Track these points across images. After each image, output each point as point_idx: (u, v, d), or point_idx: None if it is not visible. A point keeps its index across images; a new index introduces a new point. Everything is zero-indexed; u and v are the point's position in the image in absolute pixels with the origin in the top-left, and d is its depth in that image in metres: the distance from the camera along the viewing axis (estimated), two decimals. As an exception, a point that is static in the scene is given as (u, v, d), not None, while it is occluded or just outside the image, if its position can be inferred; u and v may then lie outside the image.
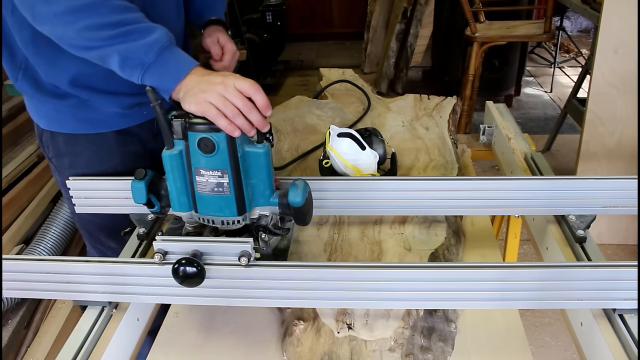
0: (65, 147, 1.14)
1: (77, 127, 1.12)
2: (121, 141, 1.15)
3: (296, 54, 5.17)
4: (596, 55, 2.16)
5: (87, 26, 0.86)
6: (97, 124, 1.12)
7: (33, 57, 1.02)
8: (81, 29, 0.86)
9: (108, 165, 1.15)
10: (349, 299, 0.83)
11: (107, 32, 0.86)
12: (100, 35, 0.86)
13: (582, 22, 5.44)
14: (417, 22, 3.94)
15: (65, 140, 1.13)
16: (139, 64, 0.87)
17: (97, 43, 0.87)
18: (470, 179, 1.11)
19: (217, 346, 0.90)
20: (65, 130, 1.12)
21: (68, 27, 0.87)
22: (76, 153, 1.14)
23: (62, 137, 1.13)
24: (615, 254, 2.39)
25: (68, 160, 1.15)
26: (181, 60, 0.89)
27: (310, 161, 1.35)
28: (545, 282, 0.79)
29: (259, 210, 0.90)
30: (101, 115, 1.11)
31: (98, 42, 0.87)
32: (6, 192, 2.11)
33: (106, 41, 0.86)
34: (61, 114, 1.10)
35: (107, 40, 0.86)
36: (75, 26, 0.86)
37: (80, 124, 1.11)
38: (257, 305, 0.90)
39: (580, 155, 2.33)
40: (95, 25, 0.86)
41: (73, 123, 1.11)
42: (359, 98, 1.68)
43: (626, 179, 1.01)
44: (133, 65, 0.87)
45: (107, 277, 0.85)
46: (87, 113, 1.10)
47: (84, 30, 0.86)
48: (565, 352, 1.94)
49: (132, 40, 0.86)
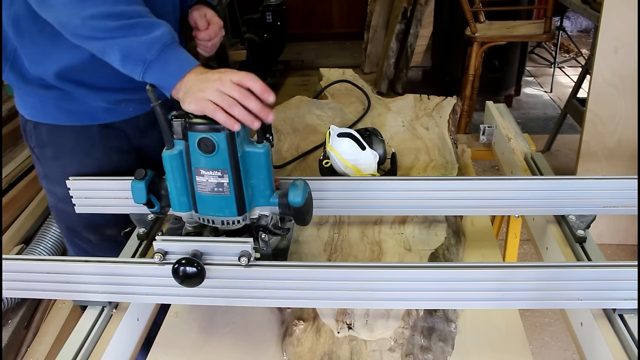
0: (48, 137, 1.14)
1: (61, 119, 1.12)
2: (105, 135, 1.15)
3: (296, 54, 5.17)
4: (596, 55, 2.16)
5: (92, 15, 0.87)
6: (81, 117, 1.12)
7: (22, 49, 1.02)
8: (86, 17, 0.87)
9: (91, 158, 1.15)
10: (349, 299, 0.83)
11: (112, 23, 0.87)
12: (104, 26, 0.87)
13: (582, 22, 5.44)
14: (417, 22, 3.94)
15: (48, 131, 1.13)
16: (140, 61, 0.87)
17: (101, 34, 0.88)
18: (470, 179, 1.11)
19: (217, 346, 0.90)
20: (49, 121, 1.12)
21: (73, 15, 0.88)
22: (59, 144, 1.14)
23: (45, 128, 1.13)
24: (615, 254, 2.39)
25: (51, 151, 1.15)
26: (182, 59, 0.89)
27: (310, 161, 1.35)
28: (545, 282, 0.79)
29: (259, 210, 0.90)
30: (86, 108, 1.11)
31: (102, 32, 0.88)
32: (6, 192, 2.12)
33: (110, 33, 0.87)
34: (46, 105, 1.11)
35: (111, 32, 0.87)
36: (81, 14, 0.87)
37: (64, 115, 1.11)
38: (257, 305, 0.90)
39: (580, 155, 2.33)
40: (100, 15, 0.87)
41: (57, 114, 1.11)
42: (359, 98, 1.68)
43: (626, 179, 1.01)
44: (134, 62, 0.88)
45: (107, 277, 0.85)
46: (71, 105, 1.10)
47: (88, 19, 0.87)
48: (565, 352, 1.94)
49: (134, 35, 0.87)
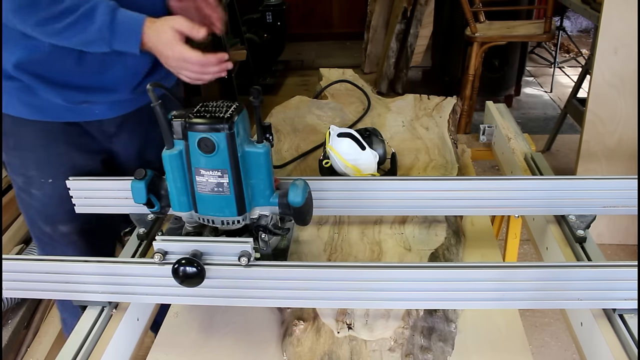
0: (10, 128, 1.15)
1: (22, 112, 1.13)
2: (69, 132, 1.16)
3: (296, 54, 5.17)
4: (596, 55, 2.16)
5: (37, 22, 0.93)
6: (41, 112, 1.13)
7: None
8: (33, 25, 0.94)
9: (52, 152, 1.16)
10: (349, 299, 0.83)
11: (58, 25, 0.93)
12: (52, 29, 0.93)
13: (582, 22, 5.44)
14: (417, 22, 3.94)
15: (11, 122, 1.15)
16: (99, 45, 0.96)
17: (54, 37, 0.95)
18: (470, 179, 1.11)
19: (217, 346, 0.90)
20: (11, 113, 1.13)
21: (24, 23, 0.95)
22: (21, 135, 1.15)
23: (9, 118, 1.14)
24: (615, 254, 2.39)
25: (12, 141, 1.16)
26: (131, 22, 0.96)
27: (310, 161, 1.35)
28: (545, 282, 0.79)
29: (259, 210, 0.90)
30: (46, 104, 1.11)
31: (54, 36, 0.95)
32: (6, 192, 2.11)
33: (60, 34, 0.94)
34: (9, 96, 1.12)
35: (61, 34, 0.94)
36: (28, 23, 0.94)
37: (25, 108, 1.12)
38: (257, 305, 0.90)
39: (580, 155, 2.33)
40: (43, 20, 0.93)
41: (19, 107, 1.12)
42: (359, 98, 1.68)
43: (626, 179, 1.00)
44: (96, 48, 0.96)
45: (107, 277, 0.85)
46: (32, 99, 1.11)
47: (35, 26, 0.94)
48: (565, 352, 1.94)
49: (81, 31, 0.93)
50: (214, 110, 0.82)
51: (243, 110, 0.84)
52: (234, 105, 0.83)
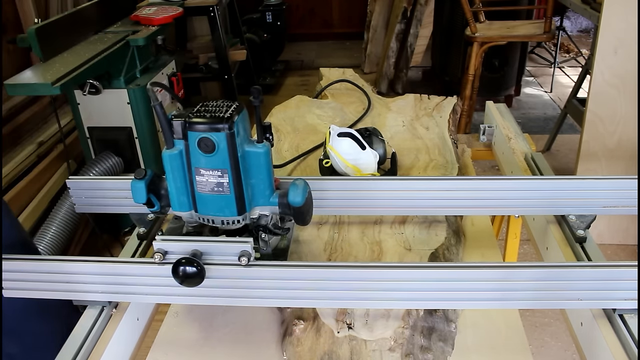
0: None
1: None
2: None
3: (296, 54, 5.17)
4: (596, 55, 2.16)
5: None
6: None
7: None
8: None
9: None
10: (349, 299, 0.83)
11: None
12: None
13: (582, 22, 5.44)
14: (417, 22, 3.94)
15: None
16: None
17: None
18: (470, 179, 1.11)
19: (217, 346, 0.90)
20: None
21: None
22: None
23: None
24: (615, 254, 2.40)
25: None
26: None
27: (310, 161, 1.35)
28: (545, 282, 0.79)
29: (259, 210, 0.90)
30: None
31: None
32: (6, 192, 2.12)
33: None
34: None
35: None
36: None
37: None
38: (257, 305, 0.90)
39: (580, 155, 2.33)
40: None
41: None
42: (359, 98, 1.68)
43: (626, 179, 1.00)
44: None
45: (107, 277, 0.85)
46: None
47: None
48: (565, 352, 1.94)
49: None
50: (214, 110, 0.82)
51: (243, 110, 0.84)
52: (234, 105, 0.83)
